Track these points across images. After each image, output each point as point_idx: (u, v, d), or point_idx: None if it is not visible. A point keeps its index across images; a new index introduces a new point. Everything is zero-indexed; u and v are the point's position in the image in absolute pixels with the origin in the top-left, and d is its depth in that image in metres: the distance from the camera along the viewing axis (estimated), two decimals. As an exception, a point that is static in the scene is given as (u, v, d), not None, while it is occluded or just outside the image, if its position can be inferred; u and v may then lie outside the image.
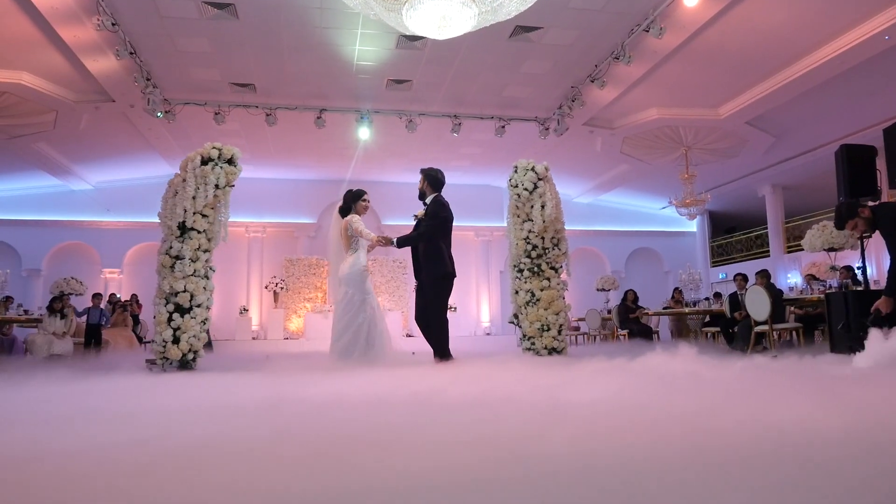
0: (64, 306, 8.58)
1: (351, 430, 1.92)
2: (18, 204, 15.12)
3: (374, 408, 2.47)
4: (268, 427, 2.04)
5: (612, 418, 2.12)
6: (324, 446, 1.70)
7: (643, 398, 2.57)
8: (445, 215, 5.89)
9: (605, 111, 11.29)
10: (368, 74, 9.99)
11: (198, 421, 2.22)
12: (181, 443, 1.80)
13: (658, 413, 2.21)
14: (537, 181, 6.35)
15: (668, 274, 18.11)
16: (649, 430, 1.89)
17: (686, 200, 12.57)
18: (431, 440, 1.76)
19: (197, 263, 5.99)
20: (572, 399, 2.54)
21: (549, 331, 6.39)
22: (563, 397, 2.60)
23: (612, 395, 2.71)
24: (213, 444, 1.76)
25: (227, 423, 2.15)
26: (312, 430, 1.97)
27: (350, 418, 2.17)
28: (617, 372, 3.82)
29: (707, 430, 1.85)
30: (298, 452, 1.64)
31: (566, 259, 6.66)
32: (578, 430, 1.88)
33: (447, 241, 5.93)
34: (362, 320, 5.97)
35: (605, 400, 2.54)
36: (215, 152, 5.89)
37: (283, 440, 1.81)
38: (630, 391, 2.80)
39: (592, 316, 11.66)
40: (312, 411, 2.37)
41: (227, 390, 3.31)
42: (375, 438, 1.81)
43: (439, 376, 3.95)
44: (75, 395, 3.21)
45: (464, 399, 2.69)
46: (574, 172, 14.86)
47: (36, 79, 9.62)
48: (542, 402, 2.52)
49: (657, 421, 2.05)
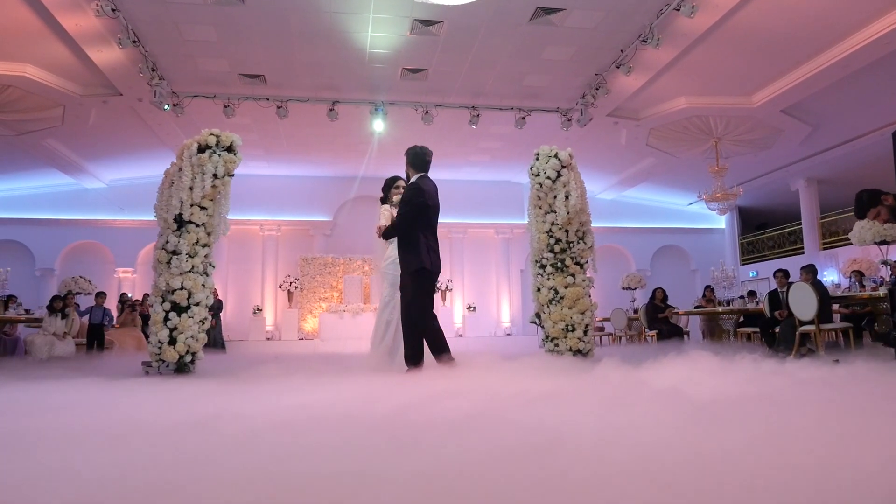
0: (65, 306, 8.25)
1: (277, 468, 1.45)
2: (32, 203, 14.95)
3: (330, 430, 1.99)
4: (170, 457, 1.60)
5: (644, 466, 1.49)
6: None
7: (693, 435, 1.88)
8: (420, 201, 4.97)
9: (630, 101, 10.73)
10: (382, 63, 9.56)
11: (111, 446, 1.78)
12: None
13: (723, 462, 1.53)
14: (561, 169, 5.85)
15: (696, 272, 17.47)
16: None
17: (716, 194, 11.96)
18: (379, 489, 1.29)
19: (195, 259, 5.60)
20: (578, 428, 2.00)
21: (574, 331, 5.89)
22: (567, 424, 2.08)
23: (646, 427, 2.03)
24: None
25: (136, 451, 1.72)
26: (224, 465, 1.51)
27: (290, 448, 1.68)
28: (656, 381, 3.32)
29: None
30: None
31: (592, 254, 6.15)
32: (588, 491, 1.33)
33: (428, 231, 5.01)
34: (389, 318, 5.50)
35: (627, 431, 1.94)
36: (213, 139, 5.49)
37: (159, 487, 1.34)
38: (672, 418, 2.14)
39: (618, 315, 11.12)
40: (249, 434, 1.90)
41: (194, 401, 2.89)
42: (298, 487, 1.33)
43: (433, 384, 3.41)
44: (34, 406, 2.81)
45: (453, 416, 2.21)
46: (598, 167, 14.30)
47: (40, 71, 9.34)
48: (539, 429, 2.03)
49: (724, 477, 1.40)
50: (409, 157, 5.29)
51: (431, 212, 5.07)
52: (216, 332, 12.97)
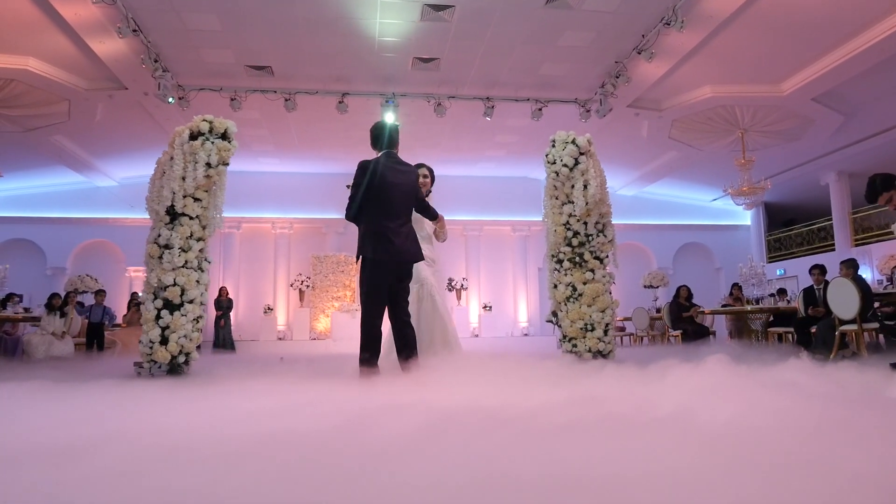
0: (65, 304, 7.99)
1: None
2: (44, 201, 14.83)
3: (249, 456, 1.60)
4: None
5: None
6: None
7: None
8: (357, 182, 4.35)
9: (652, 90, 10.26)
10: (392, 52, 9.20)
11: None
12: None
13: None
14: (579, 156, 5.43)
15: (720, 271, 16.91)
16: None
17: (743, 188, 11.43)
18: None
19: (189, 254, 5.28)
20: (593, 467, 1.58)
21: (594, 331, 5.47)
22: (581, 462, 1.64)
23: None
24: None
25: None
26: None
27: (181, 482, 1.31)
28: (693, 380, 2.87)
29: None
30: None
31: (613, 248, 5.72)
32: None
33: (382, 215, 4.33)
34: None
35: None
36: (206, 125, 5.15)
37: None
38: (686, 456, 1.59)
39: (640, 315, 10.65)
40: (133, 461, 1.52)
41: (142, 411, 2.52)
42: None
43: (418, 391, 2.95)
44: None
45: (396, 436, 1.82)
46: (617, 162, 13.81)
47: (43, 64, 9.12)
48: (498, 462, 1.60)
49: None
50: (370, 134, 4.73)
51: (384, 193, 4.33)
52: (226, 332, 12.74)
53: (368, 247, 4.29)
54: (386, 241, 4.28)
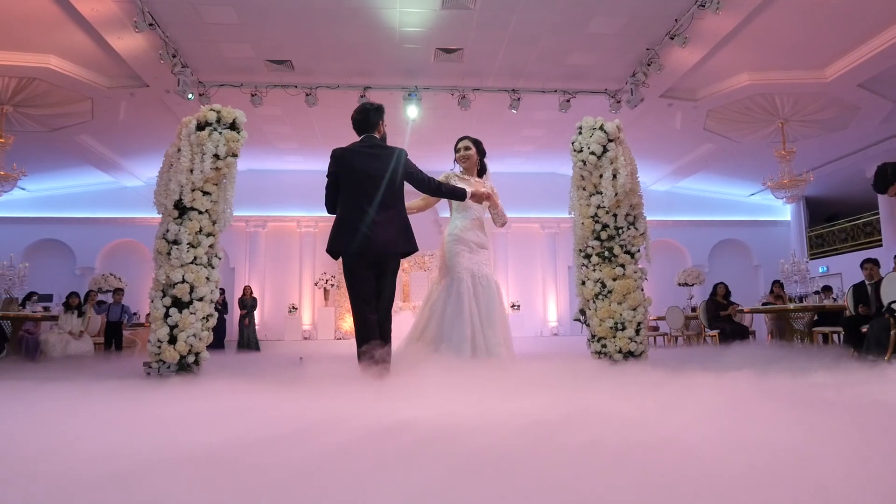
0: (82, 303, 7.89)
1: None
2: (73, 202, 14.94)
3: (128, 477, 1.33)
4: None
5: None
6: None
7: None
8: (329, 171, 4.12)
9: (686, 78, 9.80)
10: (414, 43, 8.92)
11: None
12: None
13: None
14: (607, 143, 5.08)
15: (758, 268, 16.28)
16: None
17: (783, 181, 10.88)
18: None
19: (198, 249, 5.05)
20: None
21: (625, 330, 5.11)
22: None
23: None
24: None
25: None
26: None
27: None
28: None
29: None
30: None
31: (645, 241, 5.35)
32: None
33: (354, 203, 4.02)
34: (432, 308, 4.52)
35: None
36: (213, 115, 4.93)
37: None
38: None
39: (674, 314, 10.21)
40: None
41: (112, 417, 2.28)
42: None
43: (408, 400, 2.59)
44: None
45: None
46: (650, 156, 13.33)
47: (64, 62, 9.07)
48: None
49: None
50: None
51: (355, 180, 4.03)
52: (250, 332, 12.62)
53: (336, 239, 4.02)
54: (354, 231, 3.95)
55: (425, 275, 14.66)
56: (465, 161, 4.95)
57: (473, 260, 4.62)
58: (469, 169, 4.98)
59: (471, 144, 4.99)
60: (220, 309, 12.39)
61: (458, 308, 4.38)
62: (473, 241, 4.72)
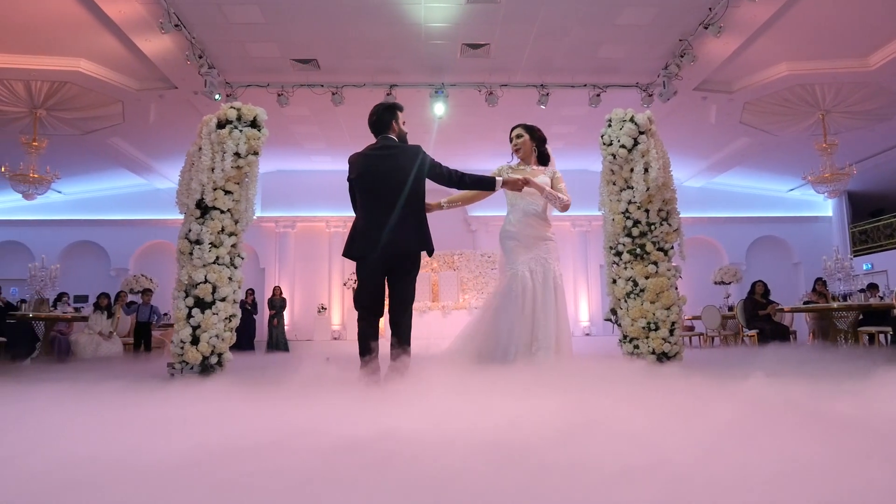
0: (111, 303, 7.94)
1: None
2: (107, 204, 15.18)
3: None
4: None
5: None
6: None
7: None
8: (348, 177, 4.21)
9: (721, 70, 9.49)
10: (440, 39, 8.79)
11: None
12: None
13: None
14: (638, 135, 4.88)
15: (799, 266, 15.77)
16: None
17: (825, 175, 10.47)
18: None
19: (220, 249, 5.00)
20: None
21: (658, 330, 4.90)
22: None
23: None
24: None
25: None
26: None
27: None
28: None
29: None
30: None
31: (678, 237, 5.13)
32: None
33: (367, 208, 4.04)
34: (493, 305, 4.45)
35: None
36: (233, 113, 4.88)
37: None
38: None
39: (710, 313, 9.90)
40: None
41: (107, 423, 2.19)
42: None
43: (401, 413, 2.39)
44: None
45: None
46: (683, 151, 12.99)
47: (94, 65, 9.16)
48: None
49: None
50: None
51: (368, 183, 4.04)
52: (279, 332, 12.65)
53: (349, 244, 4.09)
54: (363, 236, 3.97)
55: (454, 274, 14.52)
56: (519, 150, 4.80)
57: (529, 254, 4.50)
58: (525, 158, 4.80)
59: (522, 132, 4.82)
60: (250, 309, 12.45)
61: (505, 304, 4.31)
62: (527, 234, 4.57)
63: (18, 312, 7.42)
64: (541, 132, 4.90)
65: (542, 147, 4.86)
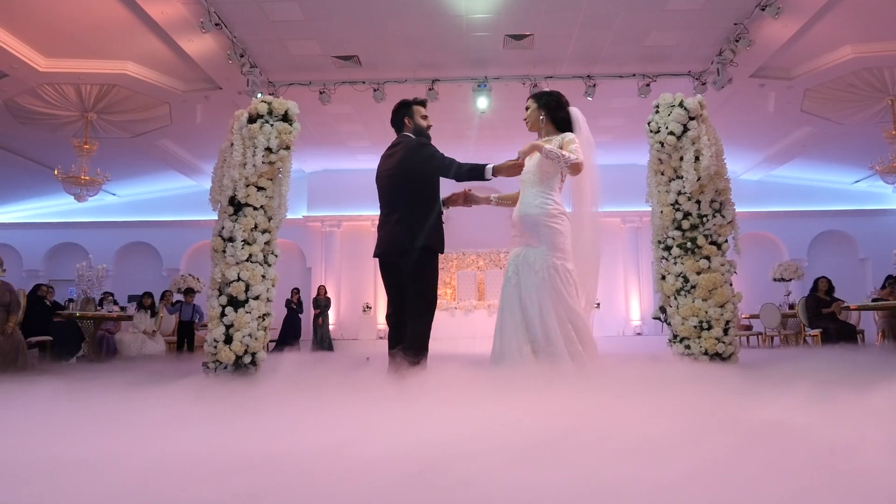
0: (154, 302, 8.03)
1: None
2: (159, 205, 15.52)
3: None
4: None
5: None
6: None
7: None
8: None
9: (780, 55, 8.96)
10: (482, 31, 8.58)
11: None
12: None
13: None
14: (688, 121, 4.57)
15: (865, 261, 14.92)
16: None
17: (895, 164, 9.81)
18: None
19: (253, 247, 4.92)
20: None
21: (711, 329, 4.58)
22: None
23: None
24: None
25: None
26: None
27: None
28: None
29: None
30: None
31: (733, 230, 4.79)
32: None
33: (381, 208, 4.21)
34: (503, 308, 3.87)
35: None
36: (264, 107, 4.79)
37: None
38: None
39: (769, 311, 9.39)
40: None
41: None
42: None
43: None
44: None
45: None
46: (739, 143, 12.40)
47: (140, 68, 9.30)
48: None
49: None
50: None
51: (378, 185, 4.22)
52: (324, 331, 12.65)
53: (377, 244, 4.16)
54: (378, 237, 4.07)
55: (501, 272, 14.28)
56: (527, 123, 4.12)
57: (519, 242, 3.88)
58: (535, 130, 4.09)
59: (530, 102, 4.11)
60: (296, 308, 12.50)
61: (502, 306, 3.84)
62: (518, 220, 3.90)
63: (65, 311, 7.59)
64: (553, 96, 4.09)
65: (556, 113, 4.00)
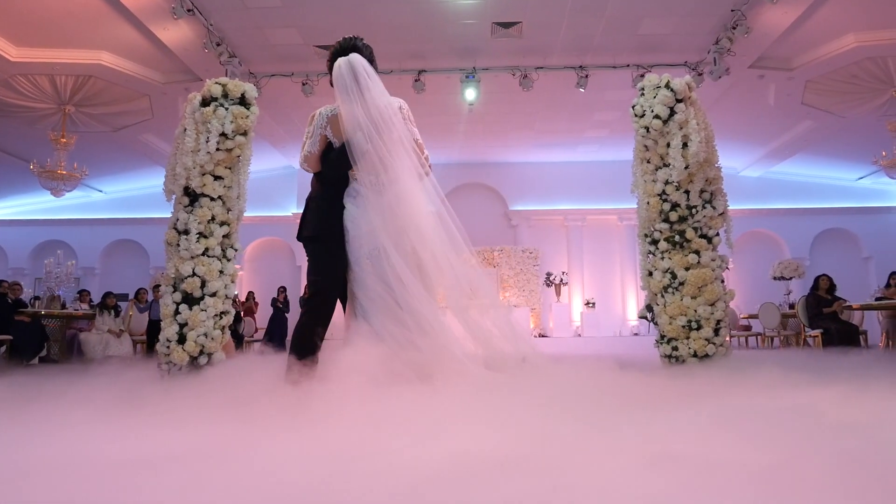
0: (136, 299, 7.70)
1: None
2: (145, 203, 15.14)
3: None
4: None
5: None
6: None
7: None
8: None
9: (779, 44, 8.62)
10: (469, 18, 8.24)
11: None
12: None
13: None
14: (675, 104, 4.22)
15: (869, 260, 14.54)
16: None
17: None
18: None
19: (210, 240, 4.57)
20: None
21: (700, 329, 4.23)
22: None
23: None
24: None
25: None
26: None
27: None
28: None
29: None
30: None
31: (725, 222, 4.44)
32: None
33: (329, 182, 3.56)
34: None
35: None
36: (218, 89, 4.43)
37: None
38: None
39: (769, 311, 9.03)
40: None
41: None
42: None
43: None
44: None
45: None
46: (738, 138, 12.07)
47: (116, 58, 8.99)
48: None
49: None
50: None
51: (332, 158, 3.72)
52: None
53: (311, 227, 3.76)
54: (320, 221, 3.64)
55: (494, 271, 13.92)
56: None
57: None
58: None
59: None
60: (282, 307, 12.17)
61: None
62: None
63: (28, 310, 7.26)
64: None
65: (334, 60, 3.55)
